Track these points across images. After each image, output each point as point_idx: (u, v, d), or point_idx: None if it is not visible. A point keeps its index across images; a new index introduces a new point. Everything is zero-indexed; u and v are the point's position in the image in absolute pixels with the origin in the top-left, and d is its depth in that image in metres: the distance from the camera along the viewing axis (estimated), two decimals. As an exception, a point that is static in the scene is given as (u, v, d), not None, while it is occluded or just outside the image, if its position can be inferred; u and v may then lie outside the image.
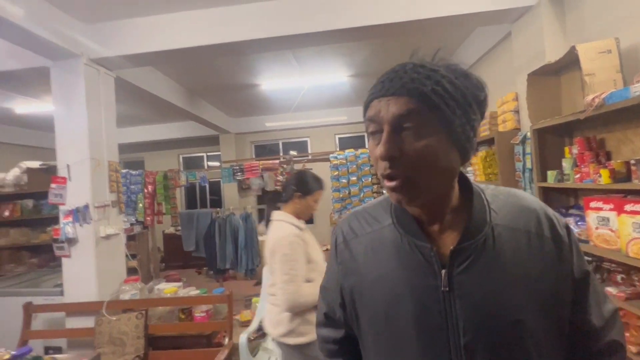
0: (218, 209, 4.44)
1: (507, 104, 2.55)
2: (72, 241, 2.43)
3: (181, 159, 7.24)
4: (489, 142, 2.79)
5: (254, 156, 6.73)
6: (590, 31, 1.96)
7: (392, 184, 0.49)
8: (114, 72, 2.81)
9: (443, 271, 0.50)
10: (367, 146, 6.15)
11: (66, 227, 2.40)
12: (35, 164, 3.99)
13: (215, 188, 6.88)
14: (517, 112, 2.49)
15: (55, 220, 3.83)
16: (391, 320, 0.53)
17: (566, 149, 2.01)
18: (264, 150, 6.90)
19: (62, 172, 2.48)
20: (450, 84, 0.48)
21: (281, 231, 1.51)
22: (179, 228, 5.75)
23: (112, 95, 2.80)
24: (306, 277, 1.47)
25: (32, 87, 3.74)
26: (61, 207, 2.47)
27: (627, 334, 1.55)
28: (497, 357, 0.49)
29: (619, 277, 1.70)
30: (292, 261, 1.44)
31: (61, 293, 2.52)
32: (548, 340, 0.50)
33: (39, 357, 1.06)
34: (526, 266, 0.50)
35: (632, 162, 1.45)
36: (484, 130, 2.95)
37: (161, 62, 3.18)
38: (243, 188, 6.36)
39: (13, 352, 1.09)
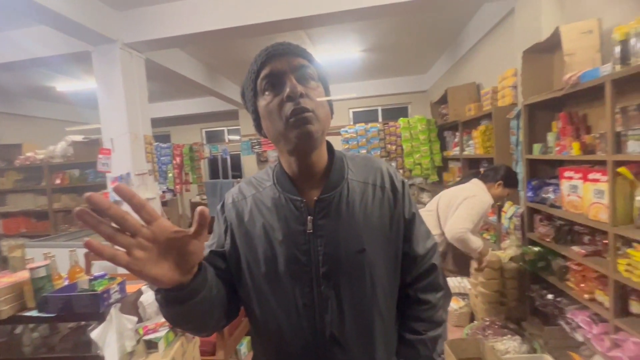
0: (239, 179, 4.85)
1: (507, 80, 2.66)
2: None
3: (204, 133, 7.67)
4: (489, 116, 2.92)
5: (271, 130, 7.03)
6: (586, 9, 2.03)
7: (307, 114, 0.58)
8: (143, 54, 3.12)
9: (309, 218, 0.63)
10: (379, 120, 6.19)
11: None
12: (79, 138, 4.48)
13: (235, 160, 7.31)
14: (515, 87, 2.60)
15: (98, 187, 4.39)
16: (269, 260, 0.63)
17: (553, 124, 2.16)
18: (281, 124, 7.17)
19: (106, 144, 2.89)
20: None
21: (480, 192, 2.08)
22: (204, 197, 6.28)
23: (144, 75, 3.13)
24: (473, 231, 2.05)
25: (73, 68, 4.14)
26: (108, 175, 2.91)
27: (582, 285, 1.81)
28: (346, 279, 0.63)
29: (585, 239, 1.92)
30: (475, 210, 2.00)
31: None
32: (385, 265, 0.66)
33: (114, 277, 1.47)
34: (370, 210, 0.65)
35: (596, 136, 1.63)
36: (486, 105, 3.08)
37: (186, 44, 3.45)
38: (261, 160, 6.76)
39: (94, 274, 1.51)
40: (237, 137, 7.41)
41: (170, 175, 4.45)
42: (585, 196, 1.73)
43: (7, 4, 2.17)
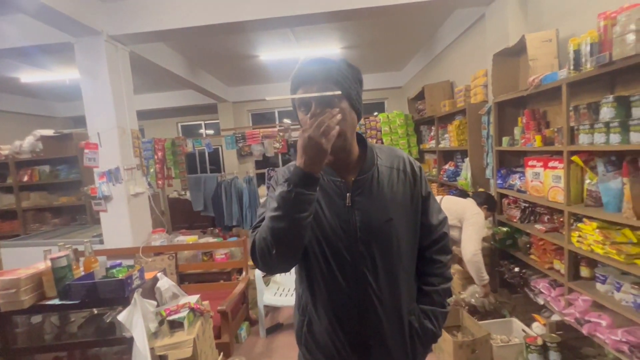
0: (222, 173, 4.86)
1: (478, 79, 2.95)
2: (107, 198, 2.86)
3: (179, 127, 7.49)
4: (463, 112, 3.22)
5: (251, 124, 7.03)
6: (546, 20, 2.33)
7: None
8: (128, 47, 3.07)
9: (348, 194, 0.80)
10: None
11: (102, 186, 2.81)
12: (49, 132, 4.24)
13: (212, 155, 7.23)
14: (485, 86, 2.90)
15: (73, 183, 4.22)
16: (319, 227, 0.80)
17: (519, 119, 2.47)
18: (262, 118, 7.19)
19: (93, 139, 2.83)
20: (345, 69, 0.78)
21: (480, 211, 2.25)
22: (182, 193, 6.17)
23: (129, 68, 3.08)
24: None
25: (42, 58, 3.92)
26: (95, 170, 2.86)
27: (543, 257, 2.12)
28: (378, 242, 0.80)
29: (545, 218, 2.24)
30: (482, 229, 2.20)
31: (101, 242, 2.99)
32: (407, 232, 0.84)
33: (132, 265, 1.53)
34: (395, 188, 0.83)
35: (555, 130, 1.93)
36: (460, 102, 3.38)
37: (171, 39, 3.41)
38: (242, 155, 6.74)
39: (110, 263, 1.56)
40: (212, 132, 7.32)
41: (152, 170, 4.37)
42: (545, 181, 2.04)
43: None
